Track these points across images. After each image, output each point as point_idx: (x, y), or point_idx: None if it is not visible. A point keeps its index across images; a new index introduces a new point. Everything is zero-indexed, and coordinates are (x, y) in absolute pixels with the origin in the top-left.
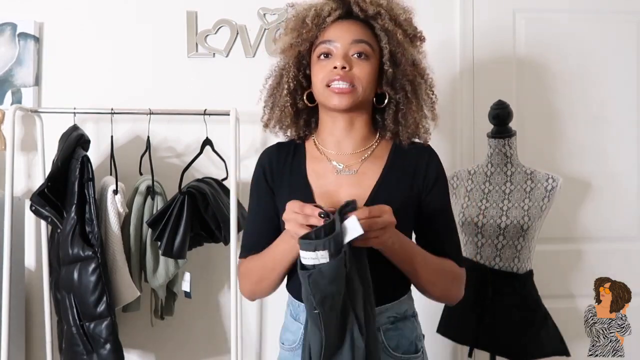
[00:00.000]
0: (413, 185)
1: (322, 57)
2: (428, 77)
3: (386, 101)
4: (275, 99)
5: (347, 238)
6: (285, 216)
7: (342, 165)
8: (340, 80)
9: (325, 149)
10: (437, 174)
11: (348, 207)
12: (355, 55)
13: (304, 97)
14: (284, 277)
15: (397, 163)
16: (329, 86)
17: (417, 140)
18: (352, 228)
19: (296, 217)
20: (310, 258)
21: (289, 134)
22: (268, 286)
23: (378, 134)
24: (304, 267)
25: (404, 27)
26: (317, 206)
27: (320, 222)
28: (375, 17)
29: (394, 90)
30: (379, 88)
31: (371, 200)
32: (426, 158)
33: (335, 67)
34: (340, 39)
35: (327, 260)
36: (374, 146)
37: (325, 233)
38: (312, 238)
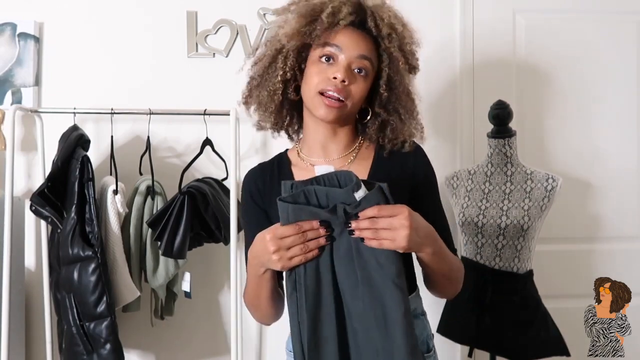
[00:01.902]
0: (401, 181)
1: (324, 59)
2: (417, 106)
3: (369, 117)
4: (265, 80)
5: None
6: (277, 245)
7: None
8: (335, 92)
9: (310, 158)
10: (424, 167)
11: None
12: (356, 70)
13: (292, 89)
14: (275, 301)
15: (384, 162)
16: (321, 94)
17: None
18: (325, 169)
19: (294, 239)
20: (362, 192)
21: (268, 125)
22: (266, 311)
23: (360, 137)
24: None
25: (407, 57)
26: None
27: (323, 231)
28: (385, 38)
29: (387, 113)
30: (365, 104)
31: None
32: (412, 154)
33: (335, 78)
34: (348, 49)
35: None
36: (358, 149)
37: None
38: (357, 183)
